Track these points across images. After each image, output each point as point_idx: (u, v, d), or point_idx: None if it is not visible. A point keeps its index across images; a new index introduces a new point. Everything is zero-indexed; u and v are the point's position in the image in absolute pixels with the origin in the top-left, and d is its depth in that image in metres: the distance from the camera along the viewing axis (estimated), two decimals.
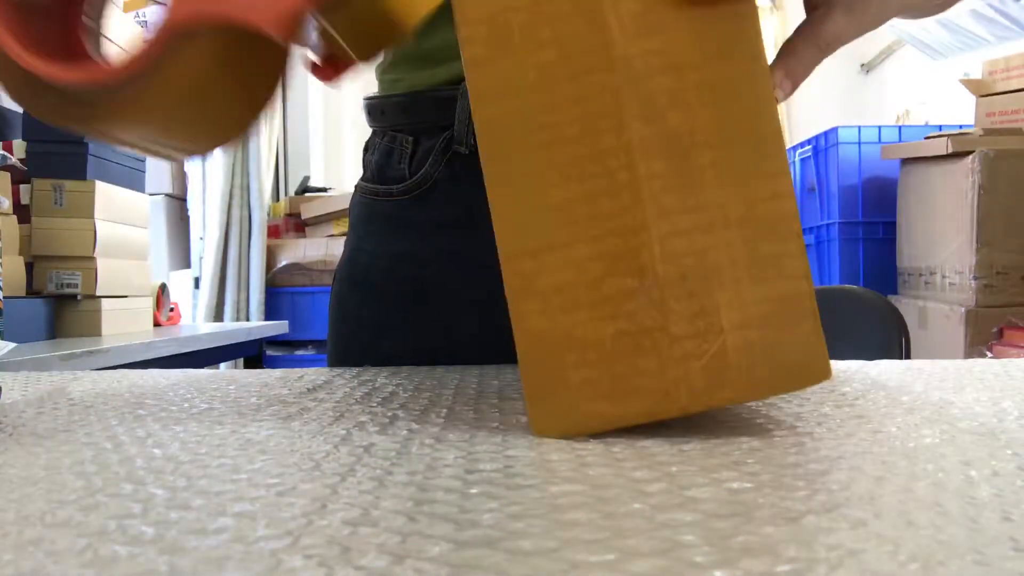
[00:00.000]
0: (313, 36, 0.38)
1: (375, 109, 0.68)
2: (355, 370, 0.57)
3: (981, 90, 2.49)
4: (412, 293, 0.66)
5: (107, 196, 1.56)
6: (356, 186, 0.71)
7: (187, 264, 3.12)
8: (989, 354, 2.02)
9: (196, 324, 2.71)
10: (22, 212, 1.49)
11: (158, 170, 2.89)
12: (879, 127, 2.73)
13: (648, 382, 0.32)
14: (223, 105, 0.36)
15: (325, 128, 3.49)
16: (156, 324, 1.85)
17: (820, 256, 2.81)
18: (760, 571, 0.18)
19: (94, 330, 1.52)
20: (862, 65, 3.87)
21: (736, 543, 0.20)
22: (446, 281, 0.65)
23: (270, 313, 2.97)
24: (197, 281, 3.05)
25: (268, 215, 3.09)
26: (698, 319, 0.32)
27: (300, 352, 2.95)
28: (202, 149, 0.42)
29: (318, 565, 0.19)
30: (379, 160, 0.68)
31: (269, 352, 2.69)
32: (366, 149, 0.71)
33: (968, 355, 2.10)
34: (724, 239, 0.32)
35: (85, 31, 0.37)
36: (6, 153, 1.45)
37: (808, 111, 3.67)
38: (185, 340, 1.64)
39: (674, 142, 0.32)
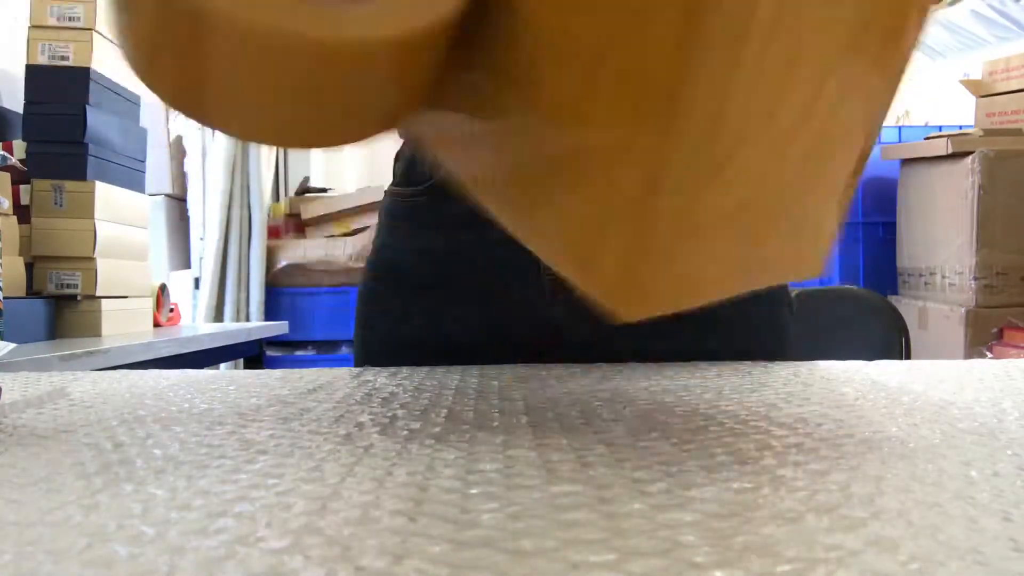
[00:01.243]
0: None
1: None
2: (356, 370, 0.57)
3: (981, 90, 2.50)
4: (434, 284, 0.69)
5: (107, 196, 1.56)
6: (385, 191, 0.76)
7: (187, 264, 3.12)
8: (989, 354, 2.02)
9: (196, 324, 2.71)
10: (22, 212, 1.49)
11: (158, 170, 2.89)
12: None
13: None
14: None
15: None
16: (156, 324, 1.85)
17: None
18: (760, 571, 0.18)
19: (94, 330, 1.52)
20: None
21: (736, 543, 0.20)
22: (465, 274, 0.68)
23: (270, 313, 2.96)
24: (197, 281, 3.05)
25: (268, 215, 3.09)
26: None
27: (300, 353, 2.95)
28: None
29: (318, 565, 0.19)
30: (405, 167, 0.73)
31: (269, 352, 2.69)
32: (396, 159, 0.76)
33: (968, 355, 2.10)
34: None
35: None
36: (6, 153, 1.45)
37: None
38: (185, 340, 1.64)
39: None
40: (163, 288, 1.95)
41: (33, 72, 1.53)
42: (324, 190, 3.26)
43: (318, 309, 2.93)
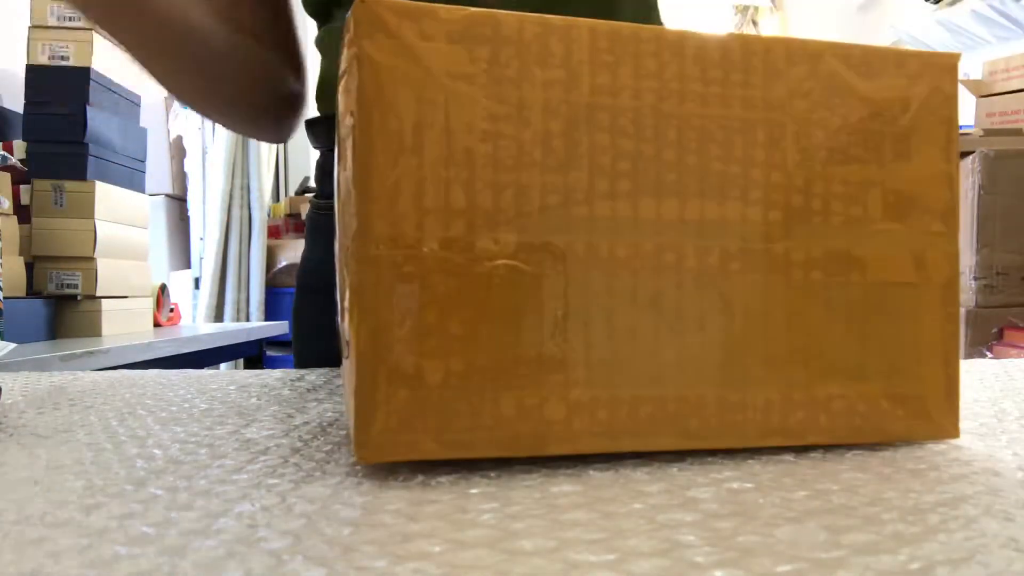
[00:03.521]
0: None
1: (315, 130, 0.70)
2: None
3: (981, 90, 2.50)
4: None
5: (107, 196, 1.56)
6: (309, 202, 0.76)
7: (187, 264, 3.12)
8: (989, 354, 2.02)
9: (196, 324, 2.71)
10: (22, 212, 1.49)
11: (158, 170, 2.89)
12: None
13: None
14: None
15: None
16: (156, 324, 1.85)
17: None
18: (760, 571, 0.18)
19: (94, 330, 1.52)
20: None
21: (736, 543, 0.20)
22: None
23: (270, 313, 2.97)
24: (197, 281, 3.05)
25: (268, 215, 3.09)
26: None
27: None
28: None
29: (318, 565, 0.19)
30: (320, 175, 0.72)
31: (269, 352, 2.69)
32: (315, 167, 0.75)
33: (968, 355, 2.10)
34: None
35: None
36: (6, 153, 1.45)
37: None
38: (185, 340, 1.64)
39: None
40: (163, 288, 1.95)
41: (33, 72, 1.53)
42: None
43: None
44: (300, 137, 0.76)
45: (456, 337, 0.27)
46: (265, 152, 3.09)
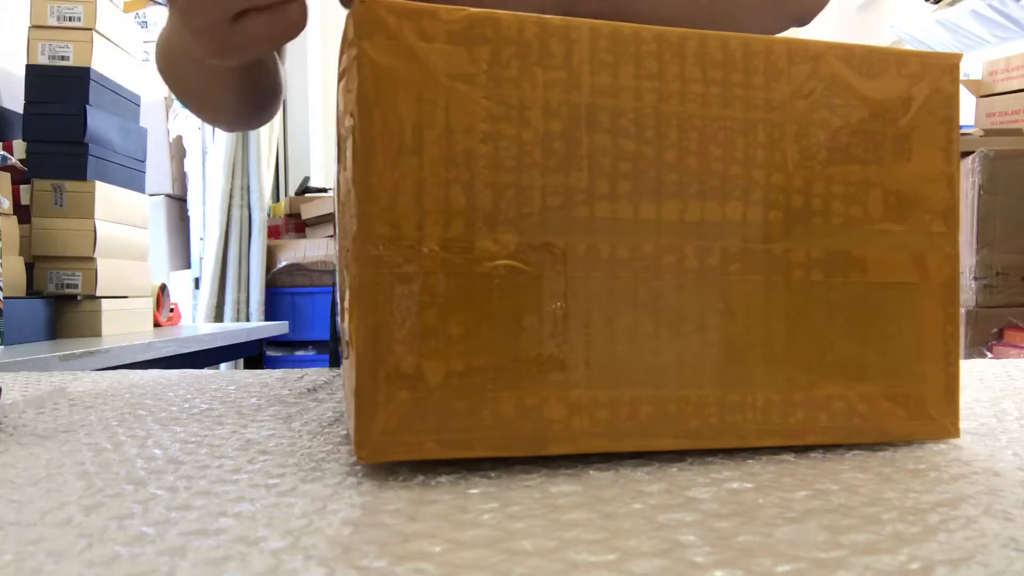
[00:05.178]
0: None
1: None
2: None
3: (981, 90, 2.50)
4: None
5: (107, 196, 1.56)
6: None
7: (187, 264, 3.12)
8: (989, 354, 2.02)
9: (196, 324, 2.71)
10: (22, 212, 1.48)
11: (158, 170, 2.89)
12: None
13: None
14: None
15: (325, 128, 3.49)
16: (156, 324, 1.85)
17: None
18: (760, 571, 0.18)
19: (94, 330, 1.52)
20: None
21: (736, 543, 0.20)
22: None
23: (270, 313, 2.97)
24: (197, 281, 3.05)
25: (268, 215, 3.09)
26: None
27: (300, 352, 2.95)
28: None
29: (318, 565, 0.19)
30: None
31: (269, 352, 2.69)
32: None
33: (968, 355, 2.10)
34: None
35: None
36: (6, 153, 1.45)
37: None
38: (185, 340, 1.64)
39: None
40: (163, 288, 1.95)
41: (33, 72, 1.53)
42: (324, 190, 3.26)
43: (318, 309, 2.93)
44: (300, 137, 0.75)
45: (456, 337, 0.27)
46: (265, 152, 3.09)
